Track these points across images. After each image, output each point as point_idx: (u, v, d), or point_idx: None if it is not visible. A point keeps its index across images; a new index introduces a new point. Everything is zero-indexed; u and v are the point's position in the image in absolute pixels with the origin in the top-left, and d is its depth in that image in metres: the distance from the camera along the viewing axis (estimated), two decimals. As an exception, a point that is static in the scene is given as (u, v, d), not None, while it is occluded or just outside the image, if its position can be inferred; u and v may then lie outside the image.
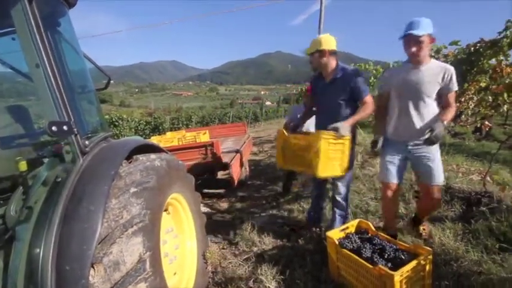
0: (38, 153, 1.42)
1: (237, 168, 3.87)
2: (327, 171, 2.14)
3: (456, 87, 2.05)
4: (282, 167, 2.58)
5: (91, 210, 1.09)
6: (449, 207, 2.89)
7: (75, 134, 1.24)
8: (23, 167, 1.17)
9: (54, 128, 1.10)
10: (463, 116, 3.89)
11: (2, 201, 1.35)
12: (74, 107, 1.35)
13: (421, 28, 1.92)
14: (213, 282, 2.15)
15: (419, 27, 1.92)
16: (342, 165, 2.23)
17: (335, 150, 2.14)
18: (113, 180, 1.23)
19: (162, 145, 2.93)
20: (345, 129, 2.10)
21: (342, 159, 2.21)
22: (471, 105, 3.60)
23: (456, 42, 3.48)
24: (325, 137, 2.04)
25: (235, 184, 3.78)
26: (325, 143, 2.03)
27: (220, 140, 4.41)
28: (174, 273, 1.75)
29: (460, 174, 3.86)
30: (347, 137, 2.16)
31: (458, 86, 2.15)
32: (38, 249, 1.02)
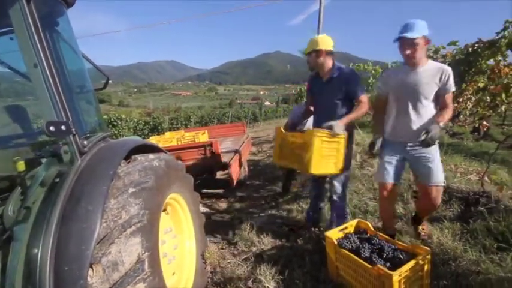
0: (36, 153, 1.41)
1: (236, 168, 3.87)
2: (320, 169, 2.15)
3: (453, 88, 2.04)
4: (277, 163, 2.64)
5: (89, 211, 1.09)
6: (447, 207, 2.90)
7: (73, 134, 1.24)
8: (21, 167, 1.17)
9: (52, 128, 1.09)
10: (462, 116, 3.90)
11: (0, 201, 1.34)
12: (72, 107, 1.34)
13: (415, 31, 1.91)
14: (212, 282, 2.15)
15: (413, 30, 1.92)
16: (337, 163, 2.23)
17: (329, 148, 2.16)
18: (111, 180, 1.23)
19: (161, 145, 2.93)
20: (339, 127, 2.12)
21: (337, 158, 2.22)
22: (469, 105, 3.62)
23: (454, 43, 3.49)
24: (319, 134, 2.07)
25: (234, 184, 3.78)
26: (318, 141, 2.06)
27: (219, 140, 4.41)
28: (173, 273, 1.75)
29: (458, 174, 3.88)
30: (342, 135, 2.17)
31: (457, 87, 2.15)
32: (36, 250, 1.01)
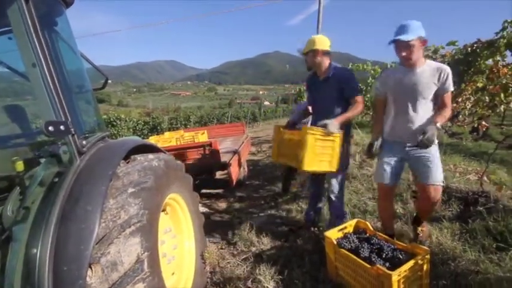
0: (35, 153, 1.41)
1: (235, 168, 3.87)
2: (314, 166, 2.17)
3: (452, 88, 2.02)
4: (275, 160, 2.70)
5: (88, 211, 1.09)
6: (446, 207, 2.90)
7: (72, 134, 1.23)
8: (20, 167, 1.16)
9: (51, 128, 1.09)
10: (460, 116, 3.91)
11: None
12: (71, 107, 1.34)
13: (410, 32, 1.89)
14: (211, 282, 2.15)
15: (407, 32, 1.89)
16: (331, 162, 2.25)
17: (323, 146, 2.17)
18: (110, 180, 1.23)
19: (160, 145, 2.93)
20: (333, 126, 2.14)
21: (332, 156, 2.24)
22: (468, 105, 3.62)
23: (453, 43, 3.49)
24: (312, 132, 2.10)
25: (233, 184, 3.79)
26: (311, 138, 2.08)
27: (218, 140, 4.41)
28: (172, 274, 1.75)
29: (457, 174, 3.88)
30: (337, 134, 2.19)
31: (456, 86, 2.14)
32: (35, 250, 1.01)
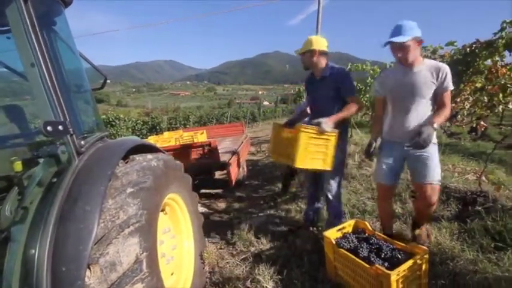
0: (34, 153, 1.40)
1: (234, 168, 3.87)
2: (306, 164, 2.19)
3: (452, 86, 1.99)
4: (272, 157, 2.79)
5: (87, 211, 1.09)
6: (445, 207, 2.91)
7: (71, 134, 1.23)
8: (18, 167, 1.16)
9: (49, 128, 1.09)
10: (459, 116, 3.91)
11: None
12: (70, 107, 1.34)
13: (404, 33, 1.87)
14: (211, 283, 2.15)
15: (401, 33, 1.88)
16: (325, 160, 2.26)
17: (317, 144, 2.19)
18: (109, 180, 1.23)
19: (159, 145, 2.92)
20: (327, 125, 2.16)
21: (326, 155, 2.25)
22: (467, 105, 3.62)
23: (452, 43, 3.49)
24: (306, 130, 2.12)
25: (232, 184, 3.78)
26: (304, 136, 2.10)
27: (218, 140, 4.41)
28: (172, 274, 1.75)
29: (456, 174, 3.89)
30: (332, 133, 2.20)
31: (455, 86, 2.13)
32: (33, 250, 1.01)
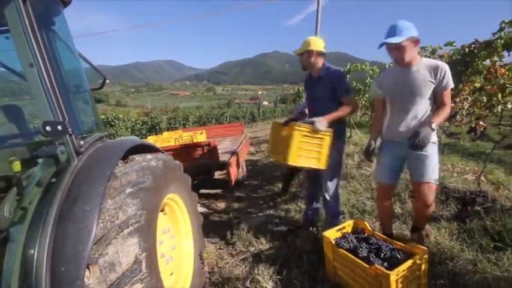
0: (32, 154, 1.40)
1: (234, 168, 3.87)
2: (299, 161, 2.21)
3: (452, 85, 1.96)
4: (271, 155, 2.89)
5: (86, 211, 1.09)
6: (444, 207, 2.91)
7: (70, 134, 1.23)
8: (17, 167, 1.16)
9: (48, 128, 1.08)
10: (458, 116, 3.91)
11: None
12: (69, 107, 1.34)
13: (399, 34, 1.87)
14: (210, 283, 2.15)
15: (396, 34, 1.87)
16: (320, 159, 2.27)
17: (310, 143, 2.21)
18: (108, 180, 1.22)
19: (158, 145, 2.92)
20: (320, 123, 2.18)
21: (321, 154, 2.26)
22: (466, 105, 3.62)
23: (451, 43, 3.49)
24: (299, 128, 2.15)
25: (232, 184, 3.78)
26: (297, 134, 2.13)
27: (217, 140, 4.40)
28: (171, 274, 1.75)
29: (455, 174, 3.90)
30: (327, 132, 2.22)
31: (454, 86, 2.12)
32: (32, 251, 1.00)
